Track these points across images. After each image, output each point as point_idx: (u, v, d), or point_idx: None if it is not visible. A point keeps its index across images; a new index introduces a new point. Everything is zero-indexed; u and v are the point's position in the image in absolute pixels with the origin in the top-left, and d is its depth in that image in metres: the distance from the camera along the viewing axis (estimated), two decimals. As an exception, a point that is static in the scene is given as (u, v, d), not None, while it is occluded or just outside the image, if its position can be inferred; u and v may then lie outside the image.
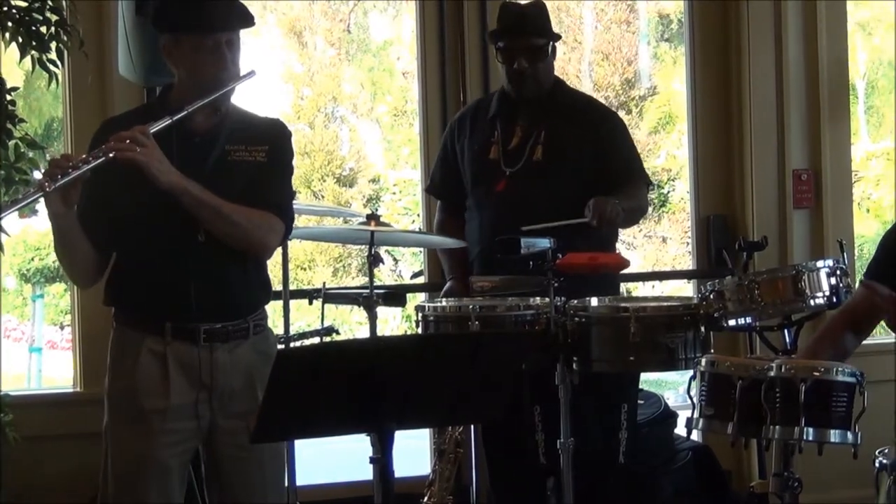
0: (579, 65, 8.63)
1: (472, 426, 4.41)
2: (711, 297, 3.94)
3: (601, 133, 4.64)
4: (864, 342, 3.78)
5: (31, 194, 3.12)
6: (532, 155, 4.60)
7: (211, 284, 3.35)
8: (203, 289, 3.33)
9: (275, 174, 3.45)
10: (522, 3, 4.82)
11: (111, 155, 3.14)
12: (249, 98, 3.57)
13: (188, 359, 3.33)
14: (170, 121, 3.26)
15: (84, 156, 3.15)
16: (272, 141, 3.46)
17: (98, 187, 3.23)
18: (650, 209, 5.76)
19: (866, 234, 6.87)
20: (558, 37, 4.70)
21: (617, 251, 4.84)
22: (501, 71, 4.67)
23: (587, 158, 4.58)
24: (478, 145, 4.70)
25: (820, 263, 3.92)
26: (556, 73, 4.74)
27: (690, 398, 3.52)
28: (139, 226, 3.31)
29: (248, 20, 3.42)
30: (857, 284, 4.09)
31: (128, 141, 3.16)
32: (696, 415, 3.49)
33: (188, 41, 3.34)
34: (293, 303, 4.47)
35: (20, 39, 4.40)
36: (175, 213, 3.26)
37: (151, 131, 3.21)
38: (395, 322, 7.41)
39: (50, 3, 4.44)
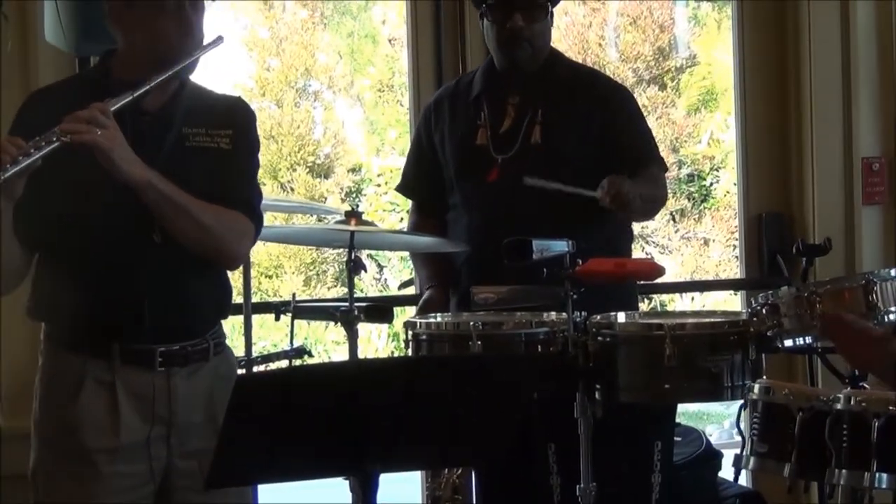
0: (602, 31, 8.61)
1: (473, 469, 4.42)
2: (764, 311, 3.94)
3: (610, 107, 4.69)
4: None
5: None
6: (528, 137, 4.63)
7: (169, 295, 3.34)
8: (159, 302, 3.32)
9: (241, 165, 3.47)
10: None
11: (66, 139, 3.09)
12: (203, 70, 3.55)
13: (141, 388, 3.32)
14: (131, 97, 3.23)
15: (33, 140, 3.08)
16: (236, 124, 3.47)
17: (31, 176, 3.15)
18: (686, 203, 5.76)
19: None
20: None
21: (649, 255, 4.86)
22: (488, 37, 4.69)
23: (594, 138, 4.62)
24: (461, 131, 4.74)
25: (895, 272, 3.92)
26: (573, 40, 4.76)
27: (740, 433, 3.53)
28: (80, 224, 3.28)
29: None
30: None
31: (84, 121, 3.13)
32: (746, 452, 3.51)
33: (145, 2, 3.31)
34: (256, 318, 4.48)
35: (-76, -2, 4.43)
36: (125, 209, 3.25)
37: (112, 109, 3.18)
38: (379, 342, 7.42)
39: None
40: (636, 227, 4.98)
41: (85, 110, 3.15)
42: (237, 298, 4.40)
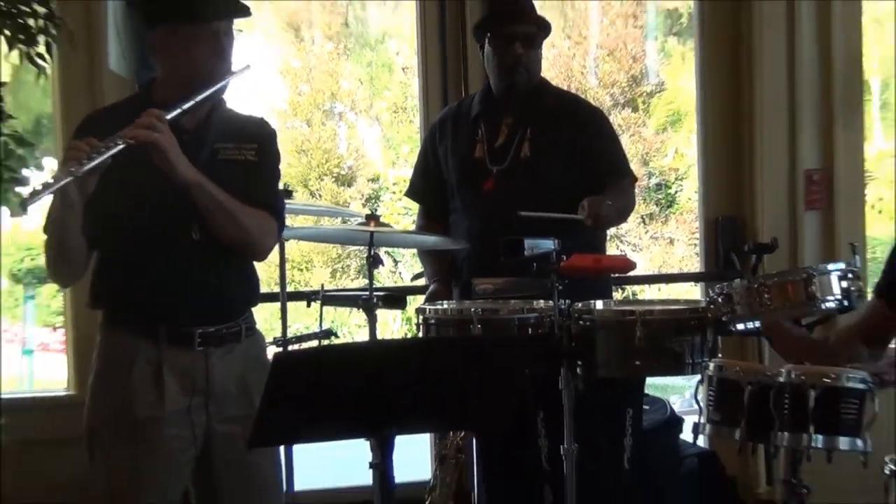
0: (584, 61, 8.62)
1: (474, 432, 4.43)
2: (720, 300, 3.95)
3: (588, 130, 4.68)
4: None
5: (60, 178, 3.01)
6: (519, 152, 4.63)
7: (206, 285, 3.32)
8: (198, 290, 3.31)
9: (266, 174, 3.45)
10: None
11: (131, 141, 3.09)
12: (245, 94, 3.55)
13: (183, 364, 3.30)
14: (180, 110, 3.22)
15: (102, 142, 3.07)
16: (260, 140, 3.45)
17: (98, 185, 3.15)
18: (654, 209, 5.77)
19: (879, 236, 6.89)
20: (549, 29, 4.74)
21: (622, 252, 4.87)
22: (488, 63, 4.69)
23: (575, 155, 4.61)
24: (462, 146, 4.73)
25: (831, 266, 3.91)
26: (560, 69, 4.79)
27: (697, 403, 3.54)
28: (131, 223, 3.27)
29: (244, 10, 3.41)
30: (868, 288, 4.11)
31: (145, 126, 3.13)
32: (702, 420, 3.51)
33: (183, 31, 3.29)
34: (291, 305, 4.48)
35: (7, 33, 4.41)
36: (169, 210, 3.25)
37: (167, 118, 3.18)
38: (395, 325, 7.43)
39: (39, -5, 4.47)
40: (612, 229, 5.00)
41: (144, 116, 3.15)
42: (275, 288, 4.42)
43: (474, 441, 4.50)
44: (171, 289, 3.29)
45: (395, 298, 4.61)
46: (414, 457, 4.64)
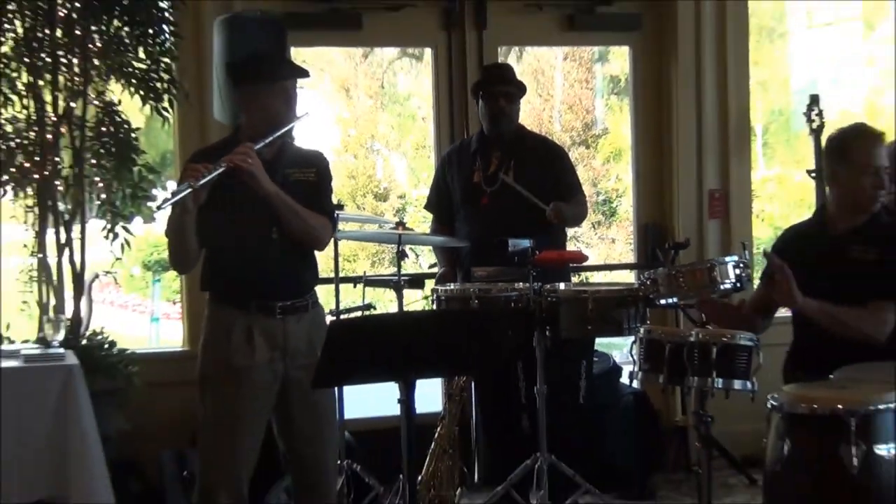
0: (551, 112, 8.63)
1: (472, 377, 4.43)
2: (648, 283, 3.93)
3: (554, 165, 4.70)
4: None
5: (183, 188, 3.02)
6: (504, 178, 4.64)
7: (283, 271, 3.30)
8: (277, 274, 3.29)
9: (323, 189, 3.42)
10: (500, 63, 5.06)
11: (231, 165, 3.10)
12: (311, 136, 3.54)
13: (268, 327, 3.29)
14: (263, 143, 3.21)
15: (209, 165, 3.08)
16: (318, 165, 3.42)
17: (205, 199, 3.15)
18: (601, 217, 5.74)
19: (761, 237, 6.87)
20: (525, 89, 4.77)
21: (578, 248, 4.88)
22: (481, 113, 4.71)
23: (545, 181, 4.62)
24: (464, 173, 4.74)
25: (728, 258, 3.90)
26: (534, 118, 4.81)
27: (632, 357, 3.53)
28: (229, 227, 3.25)
29: (304, 72, 3.40)
30: (755, 274, 4.10)
31: (241, 154, 3.13)
32: (636, 369, 3.50)
33: (259, 89, 3.28)
34: (342, 286, 4.47)
35: (141, 93, 4.43)
36: (255, 217, 3.23)
37: (256, 148, 3.18)
38: (416, 301, 7.44)
39: (163, 65, 4.47)
40: (570, 232, 5.00)
41: (240, 148, 3.16)
42: (330, 274, 4.41)
43: (473, 384, 4.50)
44: (259, 274, 3.28)
45: (417, 281, 4.63)
46: (429, 394, 4.64)
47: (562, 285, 4.22)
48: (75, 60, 4.33)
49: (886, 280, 3.43)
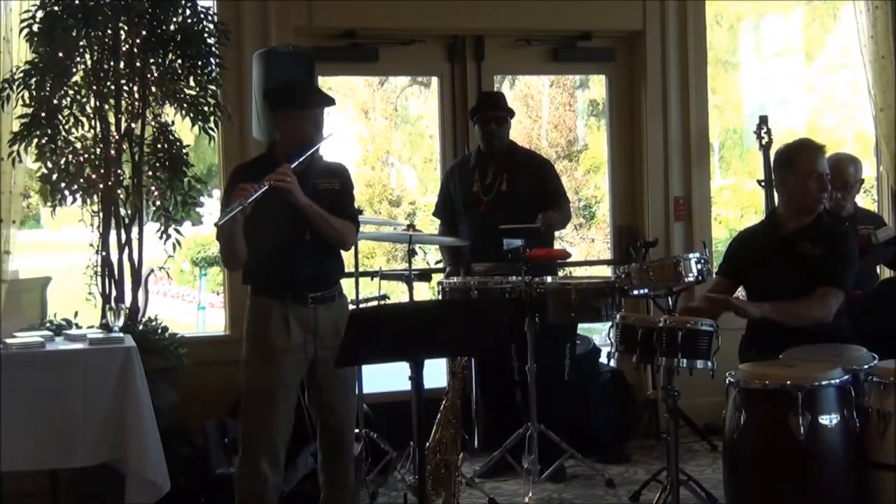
0: (539, 131, 8.59)
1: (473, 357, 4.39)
2: (623, 276, 3.92)
3: (542, 176, 4.68)
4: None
5: (235, 207, 3.06)
6: (500, 188, 4.63)
7: (314, 267, 3.30)
8: (309, 270, 3.29)
9: (346, 196, 3.41)
10: (493, 91, 5.04)
11: (272, 184, 3.11)
12: (338, 152, 3.51)
13: (301, 315, 3.28)
14: (298, 162, 3.20)
15: (256, 185, 3.10)
16: (341, 176, 3.41)
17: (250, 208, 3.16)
18: (582, 220, 5.70)
19: (718, 237, 6.81)
20: (513, 113, 4.76)
21: (563, 248, 4.85)
22: (477, 134, 4.71)
23: (533, 190, 4.60)
24: (465, 184, 4.72)
25: (691, 255, 3.90)
26: (525, 136, 4.80)
27: (609, 340, 3.50)
28: (270, 231, 3.24)
29: (331, 101, 3.38)
30: (714, 268, 4.06)
31: (281, 174, 3.14)
32: (613, 350, 3.48)
33: (292, 114, 3.27)
34: (361, 279, 4.44)
35: (191, 115, 4.40)
36: (290, 223, 3.22)
37: (291, 167, 3.18)
38: (425, 292, 7.40)
39: (210, 92, 4.44)
40: (557, 233, 4.96)
41: (280, 169, 3.16)
42: (351, 269, 4.38)
43: (473, 362, 4.46)
44: (293, 270, 3.28)
45: (425, 276, 4.59)
46: (435, 372, 4.60)
47: (549, 279, 4.19)
48: (135, 88, 4.32)
49: (829, 270, 3.42)
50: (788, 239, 3.55)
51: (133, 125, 4.34)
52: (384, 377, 4.67)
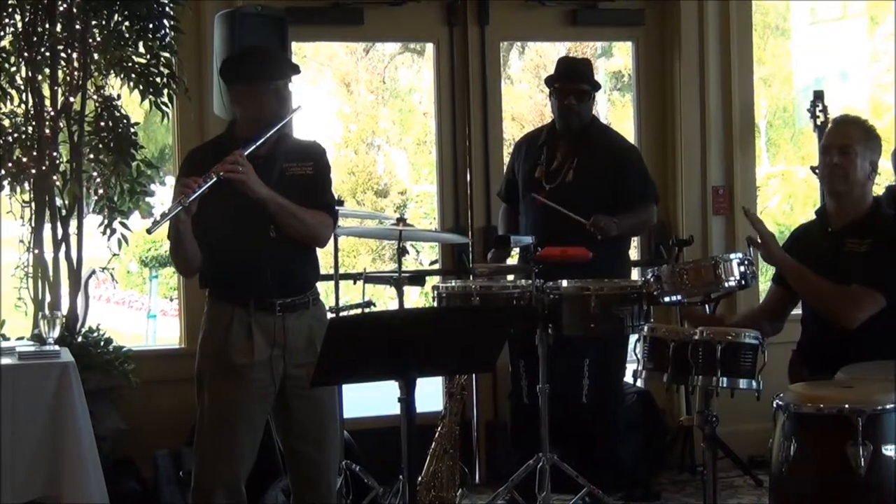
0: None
1: (473, 374, 4.40)
2: (652, 280, 3.91)
3: (618, 165, 4.61)
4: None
5: (174, 207, 3.06)
6: (565, 177, 4.61)
7: (281, 269, 3.27)
8: (276, 273, 3.26)
9: (321, 183, 3.38)
10: (577, 58, 4.94)
11: (221, 175, 3.10)
12: (312, 130, 3.50)
13: (267, 325, 3.26)
14: (254, 146, 3.19)
15: (201, 177, 3.09)
16: (315, 157, 3.38)
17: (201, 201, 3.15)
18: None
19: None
20: (599, 86, 4.70)
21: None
22: (553, 108, 4.68)
23: (606, 183, 4.56)
24: (529, 165, 4.71)
25: (732, 256, 3.88)
26: (537, 113, 4.80)
27: (636, 355, 3.50)
28: (227, 228, 3.23)
29: (295, 69, 3.36)
30: (759, 271, 4.07)
31: (231, 164, 3.12)
32: (640, 367, 3.47)
33: (251, 89, 3.25)
34: (342, 283, 4.45)
35: (141, 87, 4.41)
36: (252, 217, 3.20)
37: (245, 154, 3.16)
38: (417, 297, 7.41)
39: (163, 60, 4.45)
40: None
41: (230, 157, 3.14)
42: (330, 270, 4.38)
43: (474, 382, 4.46)
44: (257, 272, 3.25)
45: (417, 278, 4.60)
46: (429, 393, 4.61)
47: (564, 282, 4.17)
48: (74, 55, 4.32)
49: (872, 268, 3.45)
50: (836, 236, 3.58)
51: (72, 99, 4.35)
52: (369, 399, 4.67)
